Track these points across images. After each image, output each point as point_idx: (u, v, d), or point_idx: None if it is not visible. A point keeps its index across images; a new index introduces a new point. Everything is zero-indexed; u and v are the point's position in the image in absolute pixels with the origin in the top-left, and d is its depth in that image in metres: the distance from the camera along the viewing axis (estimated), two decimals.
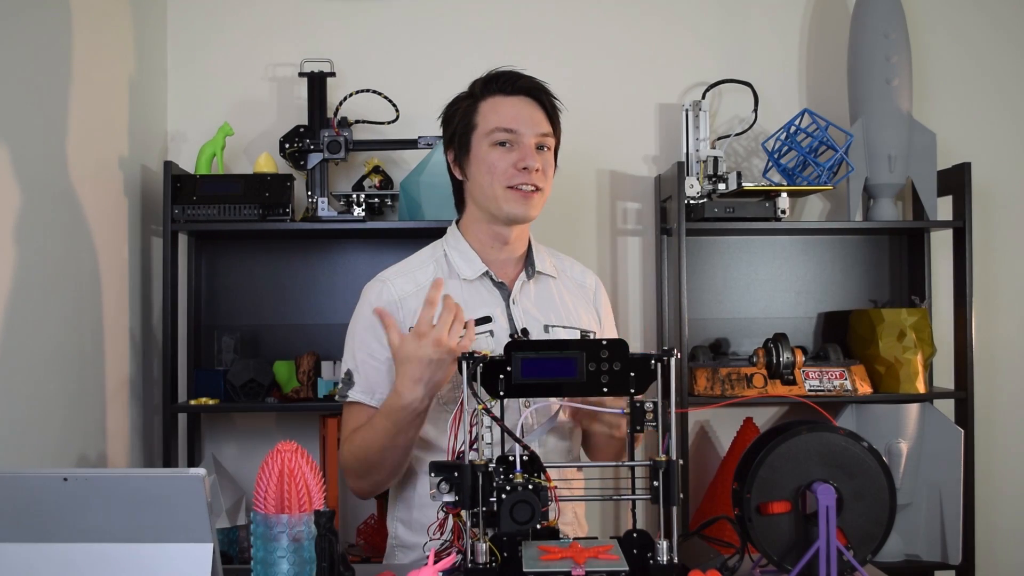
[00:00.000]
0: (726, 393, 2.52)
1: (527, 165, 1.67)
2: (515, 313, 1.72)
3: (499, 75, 1.75)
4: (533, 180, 1.68)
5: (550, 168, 1.74)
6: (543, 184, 1.71)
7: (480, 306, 1.70)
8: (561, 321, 1.73)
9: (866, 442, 1.30)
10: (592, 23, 2.83)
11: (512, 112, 1.70)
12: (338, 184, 2.74)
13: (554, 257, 1.86)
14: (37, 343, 1.90)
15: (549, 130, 1.73)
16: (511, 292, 1.74)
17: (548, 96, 1.75)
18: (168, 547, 1.13)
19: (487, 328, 1.64)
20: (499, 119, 1.70)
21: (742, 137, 2.78)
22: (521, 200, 1.68)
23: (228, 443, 2.75)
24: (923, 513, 2.58)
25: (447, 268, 1.76)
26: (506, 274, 1.76)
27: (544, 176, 1.71)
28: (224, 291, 2.74)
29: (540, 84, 1.75)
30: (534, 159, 1.68)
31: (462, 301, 1.62)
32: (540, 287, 1.78)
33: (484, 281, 1.74)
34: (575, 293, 1.82)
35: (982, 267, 2.76)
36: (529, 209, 1.70)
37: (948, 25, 2.87)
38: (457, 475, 1.27)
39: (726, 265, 2.83)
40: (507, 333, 1.68)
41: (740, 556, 1.36)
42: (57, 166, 2.03)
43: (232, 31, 2.78)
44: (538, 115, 1.72)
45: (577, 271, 1.88)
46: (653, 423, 1.34)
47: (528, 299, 1.75)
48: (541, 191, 1.71)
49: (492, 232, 1.74)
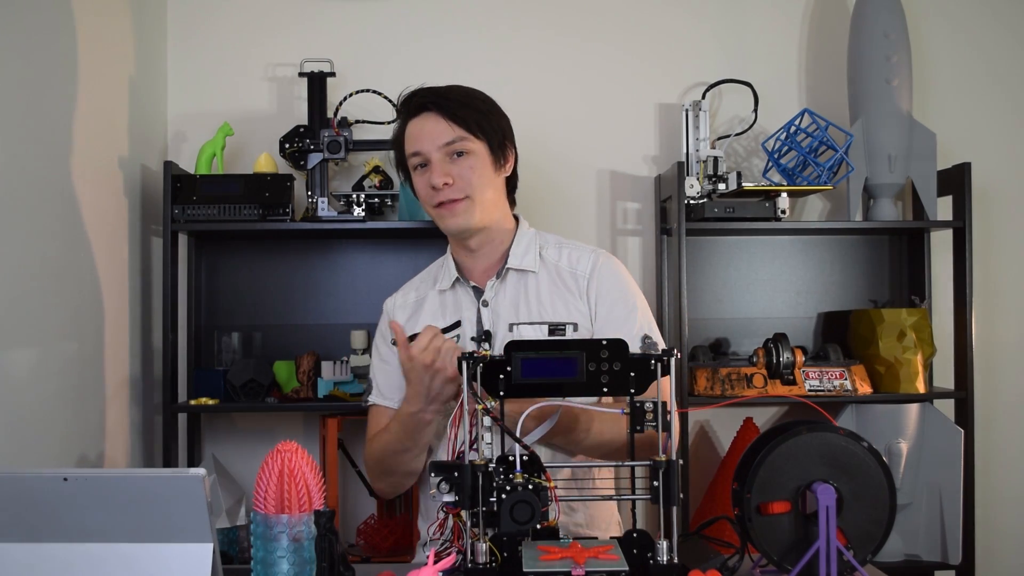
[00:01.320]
0: (726, 393, 2.52)
1: (433, 184, 1.71)
2: (484, 315, 1.75)
3: (404, 99, 1.79)
4: (448, 195, 1.71)
5: (472, 171, 1.72)
6: (460, 193, 1.72)
7: (455, 311, 1.78)
8: (531, 317, 1.73)
9: (866, 442, 1.30)
10: (592, 23, 2.82)
11: (415, 133, 1.75)
12: (338, 184, 2.74)
13: (552, 248, 1.82)
14: (37, 343, 1.90)
15: (455, 135, 1.71)
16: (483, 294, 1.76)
17: (447, 100, 1.73)
18: (168, 547, 1.13)
19: (455, 333, 1.73)
20: (410, 144, 1.76)
21: (742, 137, 2.78)
22: (448, 215, 1.73)
23: (228, 443, 2.75)
24: (923, 513, 2.58)
25: (435, 280, 1.85)
26: (483, 277, 1.80)
27: (466, 184, 1.72)
28: (224, 291, 2.74)
29: (437, 92, 1.75)
30: (439, 175, 1.71)
31: (440, 308, 1.79)
32: (518, 284, 1.77)
33: (461, 286, 1.80)
34: (559, 286, 1.77)
35: (982, 267, 2.75)
36: (459, 219, 1.73)
37: (948, 25, 2.87)
38: (457, 475, 1.27)
39: (726, 265, 2.83)
40: (471, 336, 1.73)
41: (740, 556, 1.36)
42: (57, 166, 2.03)
43: (232, 31, 2.78)
44: (440, 126, 1.72)
45: (573, 259, 1.79)
46: (653, 423, 1.34)
47: (503, 298, 1.76)
48: (467, 198, 1.72)
49: (457, 243, 1.82)
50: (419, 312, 1.82)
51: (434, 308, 1.81)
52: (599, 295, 1.75)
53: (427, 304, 1.82)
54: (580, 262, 1.79)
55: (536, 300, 1.75)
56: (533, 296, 1.76)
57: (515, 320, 1.72)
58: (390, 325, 1.75)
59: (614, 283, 1.77)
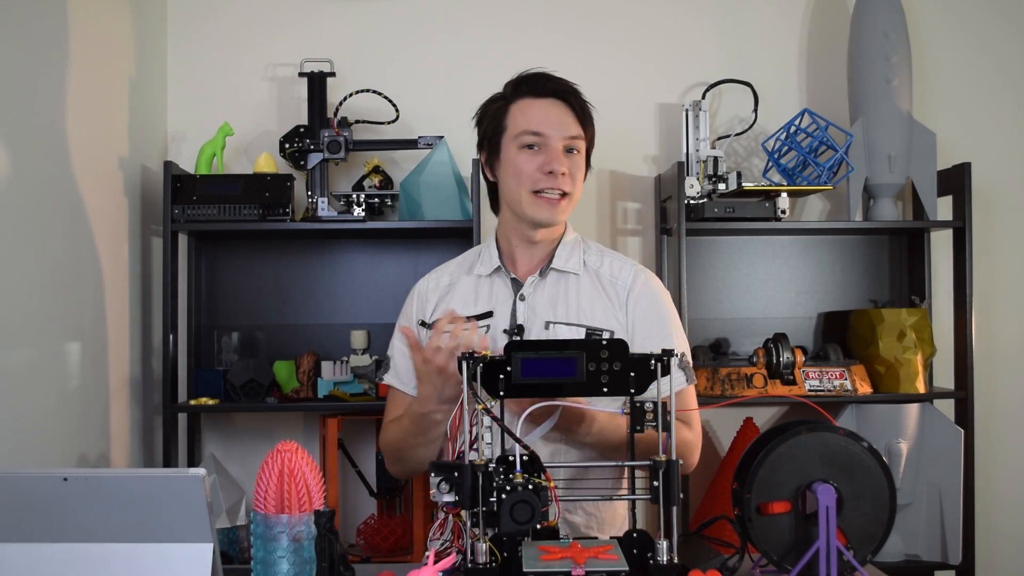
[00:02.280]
0: (726, 393, 2.52)
1: (552, 169, 1.68)
2: (520, 309, 1.73)
3: (529, 77, 1.75)
4: (559, 184, 1.69)
5: (579, 171, 1.74)
6: (570, 188, 1.71)
7: (488, 301, 1.76)
8: (569, 319, 1.72)
9: (866, 442, 1.30)
10: (592, 23, 2.83)
11: (540, 115, 1.71)
12: (338, 184, 2.74)
13: (594, 255, 1.81)
14: (38, 343, 1.90)
15: (579, 132, 1.73)
16: (522, 288, 1.75)
17: (578, 98, 1.75)
18: (168, 547, 1.13)
19: (486, 322, 1.72)
20: (527, 122, 1.71)
21: (742, 137, 2.78)
22: (546, 206, 1.70)
23: (228, 443, 2.75)
24: (923, 513, 2.58)
25: (473, 265, 1.82)
26: (526, 271, 1.78)
27: (572, 180, 1.71)
28: (224, 291, 2.74)
29: (570, 86, 1.75)
30: (560, 163, 1.68)
31: (473, 295, 1.76)
32: (557, 284, 1.76)
33: (500, 276, 1.78)
34: (599, 291, 1.76)
35: (982, 267, 2.75)
36: (554, 215, 1.71)
37: (948, 25, 2.87)
38: (457, 475, 1.27)
39: (726, 265, 2.83)
40: (503, 328, 1.71)
41: (740, 556, 1.36)
42: (57, 166, 2.03)
43: (232, 31, 2.78)
44: (567, 117, 1.72)
45: (615, 268, 1.79)
46: (653, 423, 1.34)
47: (541, 295, 1.75)
48: (568, 195, 1.71)
49: (519, 232, 1.77)
50: (450, 296, 1.79)
51: (466, 293, 1.78)
52: (640, 314, 1.74)
53: (459, 288, 1.79)
54: (622, 272, 1.78)
55: (576, 302, 1.75)
56: (573, 297, 1.75)
57: (552, 318, 1.72)
58: (402, 330, 1.76)
59: (654, 304, 1.76)
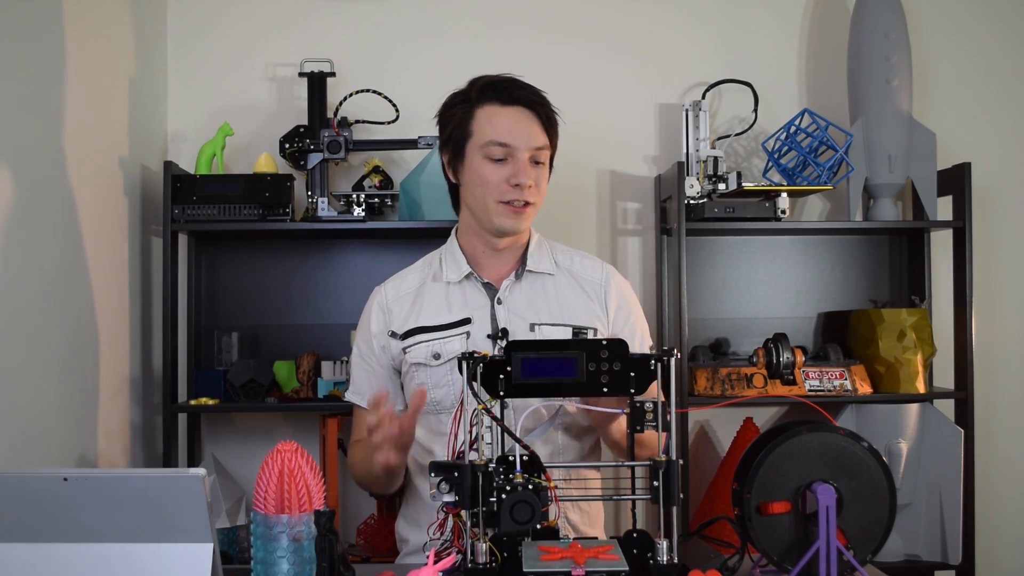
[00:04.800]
0: (726, 393, 2.52)
1: (519, 182, 1.67)
2: (499, 313, 1.73)
3: (496, 82, 1.71)
4: (525, 196, 1.68)
5: (543, 181, 1.73)
6: (535, 199, 1.70)
7: (463, 307, 1.74)
8: (552, 319, 1.73)
9: (866, 442, 1.30)
10: (592, 23, 2.82)
11: (508, 125, 1.68)
12: (338, 184, 2.74)
13: (562, 254, 1.83)
14: (37, 343, 1.90)
15: (545, 143, 1.71)
16: (498, 292, 1.75)
17: (546, 108, 1.72)
18: (168, 547, 1.13)
19: (464, 329, 1.71)
20: (494, 131, 1.68)
21: (742, 137, 2.78)
22: (512, 214, 1.69)
23: (228, 443, 2.75)
24: (923, 513, 2.58)
25: (438, 271, 1.80)
26: (497, 275, 1.77)
27: (537, 190, 1.70)
28: (224, 291, 2.74)
29: (539, 95, 1.72)
30: (527, 175, 1.67)
31: (445, 302, 1.75)
32: (533, 285, 1.77)
33: (471, 282, 1.77)
34: (577, 290, 1.78)
35: (982, 267, 2.75)
36: (519, 223, 1.71)
37: (948, 25, 2.87)
38: (457, 475, 1.27)
39: (726, 265, 2.83)
40: (486, 334, 1.70)
41: (740, 556, 1.36)
42: (57, 166, 2.03)
43: (232, 31, 2.78)
44: (534, 128, 1.70)
45: (587, 266, 1.82)
46: (653, 423, 1.33)
47: (518, 298, 1.75)
48: (533, 204, 1.70)
49: (483, 239, 1.76)
50: (419, 303, 1.77)
51: (437, 301, 1.76)
52: (611, 304, 1.79)
53: (428, 296, 1.77)
54: (593, 270, 1.82)
55: (556, 302, 1.76)
56: (553, 297, 1.76)
57: (535, 320, 1.72)
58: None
59: (625, 300, 1.82)
